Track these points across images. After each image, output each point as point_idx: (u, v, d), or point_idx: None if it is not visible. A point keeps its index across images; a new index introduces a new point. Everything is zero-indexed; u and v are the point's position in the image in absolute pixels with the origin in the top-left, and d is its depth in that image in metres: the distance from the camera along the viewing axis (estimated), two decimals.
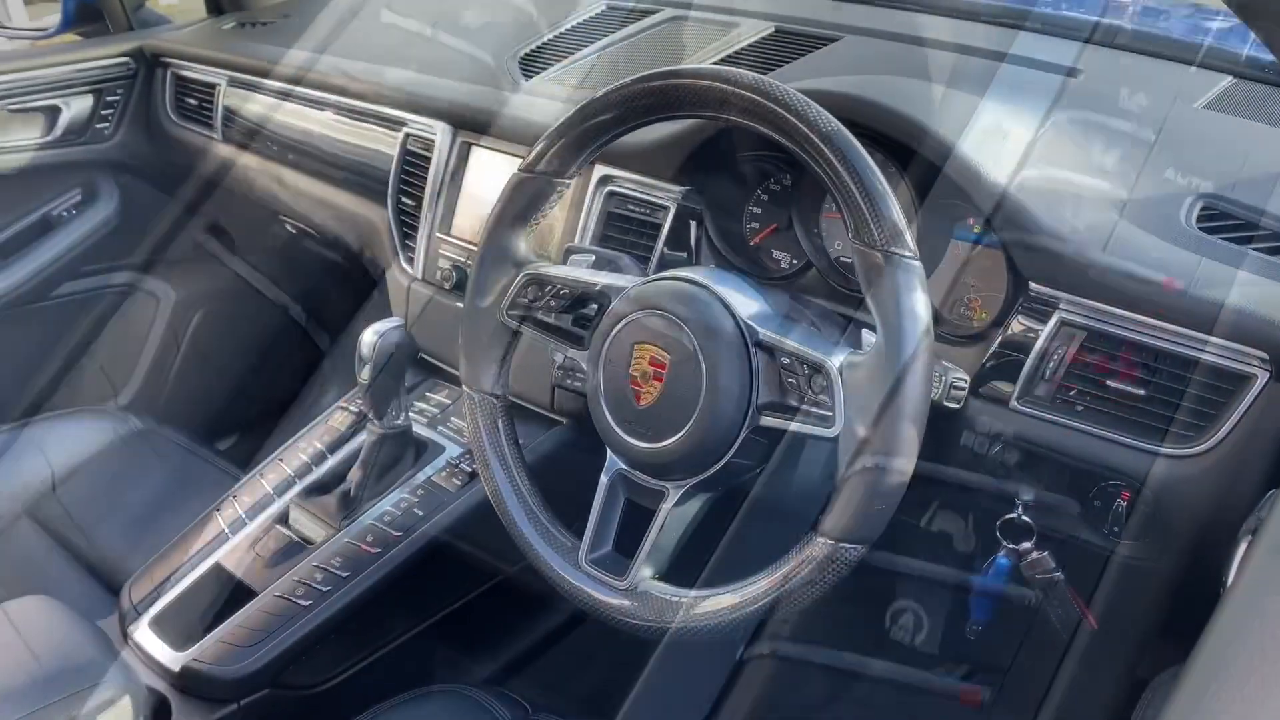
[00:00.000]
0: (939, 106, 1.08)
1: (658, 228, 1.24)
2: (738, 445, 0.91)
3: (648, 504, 0.97)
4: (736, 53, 1.45)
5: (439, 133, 1.48)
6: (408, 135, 1.53)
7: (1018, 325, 1.00)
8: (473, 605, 1.38)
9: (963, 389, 0.93)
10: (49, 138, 1.89)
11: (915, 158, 1.04)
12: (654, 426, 0.93)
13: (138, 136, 1.99)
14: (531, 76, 1.53)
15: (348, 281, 1.90)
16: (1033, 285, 0.98)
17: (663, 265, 1.23)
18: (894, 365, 0.81)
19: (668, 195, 1.24)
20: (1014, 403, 1.00)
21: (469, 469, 1.34)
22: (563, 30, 1.64)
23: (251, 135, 1.83)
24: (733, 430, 0.90)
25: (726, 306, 0.92)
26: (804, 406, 0.87)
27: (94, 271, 2.06)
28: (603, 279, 1.01)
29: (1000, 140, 1.04)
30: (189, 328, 2.18)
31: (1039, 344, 0.98)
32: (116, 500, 1.67)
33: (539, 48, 1.60)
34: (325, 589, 1.23)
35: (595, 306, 1.02)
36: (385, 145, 1.58)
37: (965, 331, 1.07)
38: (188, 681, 1.18)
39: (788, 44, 1.44)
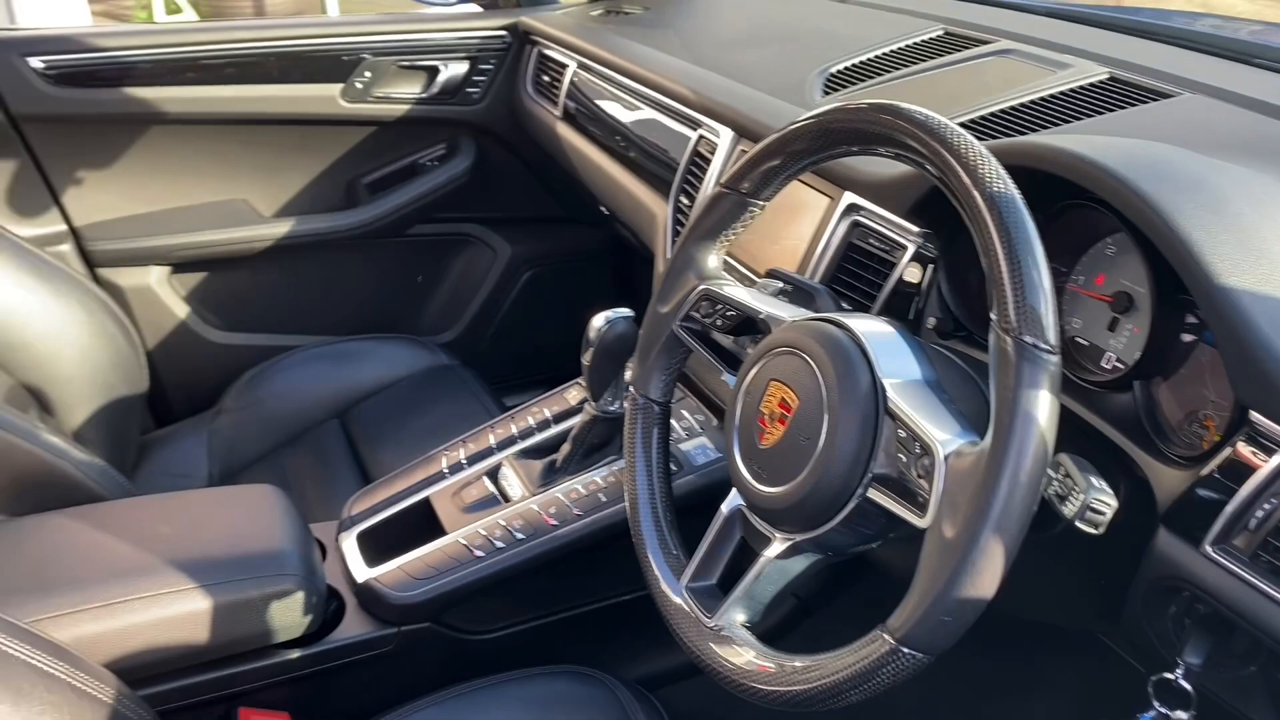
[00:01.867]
0: (1214, 183, 0.91)
1: (893, 266, 1.17)
2: (847, 512, 0.84)
3: (756, 547, 0.92)
4: (1055, 95, 1.32)
5: (722, 138, 1.49)
6: (700, 137, 1.55)
7: (1234, 456, 0.83)
8: (635, 604, 1.39)
9: (1103, 514, 0.79)
10: (426, 94, 2.12)
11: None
12: (770, 469, 0.88)
13: (500, 104, 2.18)
14: (830, 94, 1.49)
15: (647, 267, 1.96)
16: (1253, 414, 0.81)
17: (884, 309, 1.16)
18: (995, 467, 0.71)
19: (909, 236, 1.16)
20: (1206, 546, 0.83)
21: None
22: (886, 51, 1.58)
23: (584, 118, 1.94)
24: (843, 495, 0.83)
25: (869, 362, 0.84)
26: (911, 487, 0.79)
27: (445, 218, 2.28)
28: (766, 307, 0.97)
29: (1262, 233, 0.87)
30: (517, 284, 2.36)
31: (1250, 484, 0.81)
32: (402, 423, 1.85)
33: (852, 66, 1.55)
34: (499, 545, 1.30)
35: (761, 334, 0.99)
36: (682, 143, 1.61)
37: (1193, 451, 0.91)
38: (363, 596, 1.30)
39: (1116, 94, 1.29)
